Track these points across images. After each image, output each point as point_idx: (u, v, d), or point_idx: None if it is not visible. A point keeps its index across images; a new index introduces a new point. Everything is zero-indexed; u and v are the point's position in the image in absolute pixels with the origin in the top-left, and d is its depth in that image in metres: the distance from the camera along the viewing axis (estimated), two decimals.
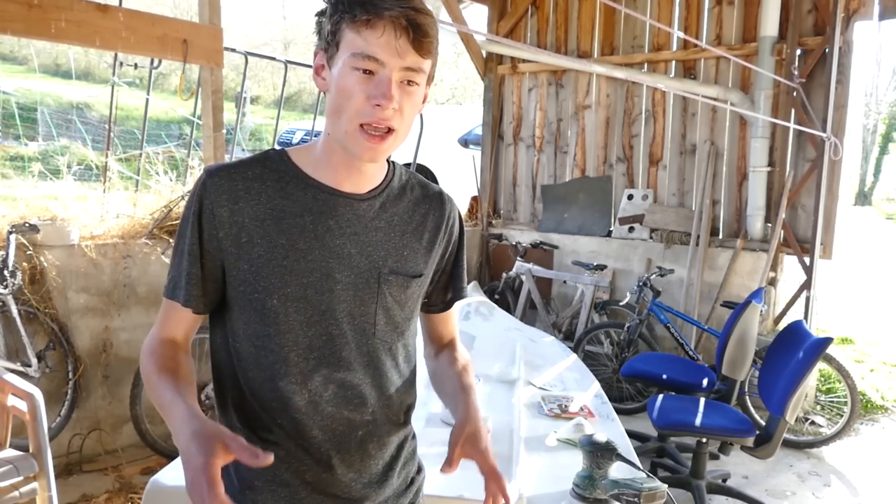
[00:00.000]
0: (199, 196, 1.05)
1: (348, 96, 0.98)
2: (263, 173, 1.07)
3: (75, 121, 10.81)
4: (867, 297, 8.93)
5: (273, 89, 17.95)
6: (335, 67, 0.99)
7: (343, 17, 0.96)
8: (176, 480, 1.84)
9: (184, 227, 1.07)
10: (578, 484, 1.78)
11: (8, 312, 3.19)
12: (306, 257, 1.05)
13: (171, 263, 1.10)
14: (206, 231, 1.05)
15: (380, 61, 0.95)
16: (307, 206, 1.06)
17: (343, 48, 0.97)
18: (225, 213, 1.04)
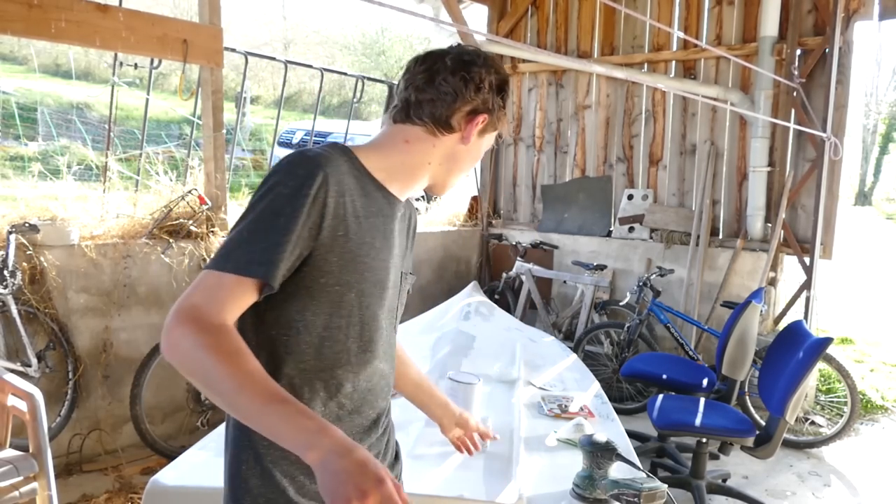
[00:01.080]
0: (318, 182, 1.03)
1: (473, 158, 1.26)
2: (350, 169, 1.11)
3: (75, 121, 10.81)
4: (867, 297, 8.93)
5: (273, 89, 17.95)
6: (482, 138, 1.23)
7: (503, 103, 1.22)
8: (176, 480, 1.84)
9: (283, 205, 1.01)
10: (578, 484, 1.78)
11: (8, 312, 3.19)
12: (379, 256, 1.13)
13: (243, 238, 1.01)
14: (313, 217, 1.03)
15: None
16: (380, 208, 1.15)
17: (490, 132, 1.24)
18: (332, 203, 1.05)
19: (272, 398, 0.90)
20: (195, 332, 0.93)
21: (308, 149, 1.09)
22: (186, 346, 0.93)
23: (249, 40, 17.82)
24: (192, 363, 0.93)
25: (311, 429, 0.88)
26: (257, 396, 0.90)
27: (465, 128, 1.18)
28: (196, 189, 3.98)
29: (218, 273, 0.98)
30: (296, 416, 0.89)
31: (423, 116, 1.16)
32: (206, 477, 1.89)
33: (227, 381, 0.90)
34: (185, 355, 0.93)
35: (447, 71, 1.15)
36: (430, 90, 1.16)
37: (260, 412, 0.89)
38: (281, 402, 0.90)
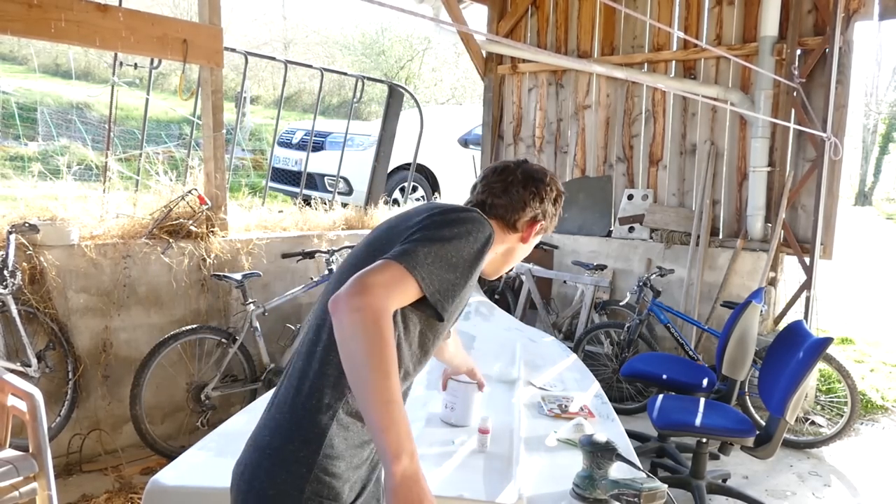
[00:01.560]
0: (490, 244, 1.29)
1: (522, 256, 1.56)
2: None
3: (75, 121, 10.80)
4: (867, 297, 8.93)
5: (273, 89, 17.94)
6: (535, 238, 1.52)
7: (555, 216, 1.54)
8: (176, 480, 1.84)
9: (476, 257, 1.25)
10: (578, 484, 1.78)
11: (8, 312, 3.19)
12: (465, 299, 1.34)
13: (441, 257, 1.19)
14: (480, 270, 1.32)
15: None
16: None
17: (542, 230, 1.51)
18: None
19: (399, 399, 1.07)
20: (375, 309, 1.07)
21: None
22: (364, 317, 1.07)
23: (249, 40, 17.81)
24: (361, 333, 1.07)
25: (408, 448, 1.05)
26: (394, 390, 1.06)
27: (525, 230, 1.48)
28: (196, 189, 3.98)
29: (407, 271, 1.14)
30: (405, 427, 1.06)
31: (496, 216, 1.45)
32: (206, 477, 1.89)
33: (382, 363, 1.06)
34: (358, 324, 1.07)
35: (519, 184, 1.45)
36: (505, 197, 1.45)
37: (387, 403, 1.05)
38: (402, 406, 1.08)
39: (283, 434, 1.22)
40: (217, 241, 3.98)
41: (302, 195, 5.56)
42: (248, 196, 4.97)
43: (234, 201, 4.82)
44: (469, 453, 2.08)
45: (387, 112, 5.89)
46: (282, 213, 4.87)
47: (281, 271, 4.36)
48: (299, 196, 5.54)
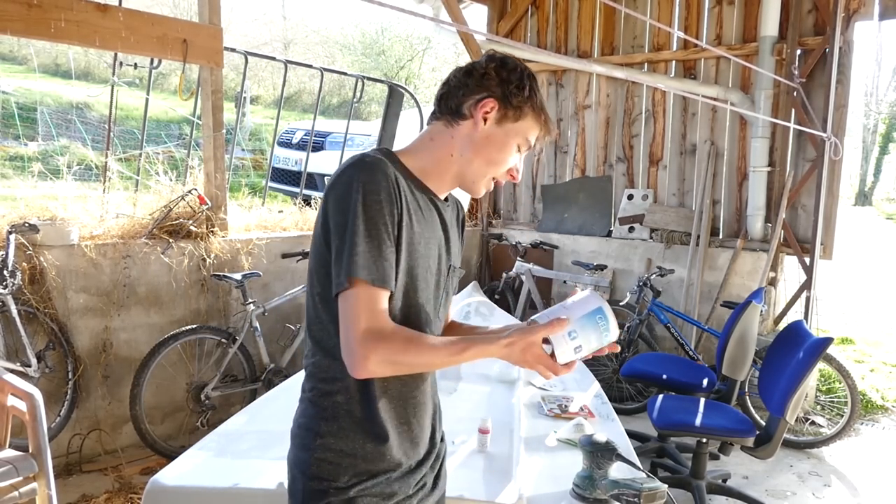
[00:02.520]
0: (383, 182, 1.16)
1: (500, 161, 1.28)
2: (397, 170, 1.23)
3: (75, 121, 10.80)
4: (867, 297, 8.93)
5: (273, 89, 17.94)
6: (503, 127, 1.26)
7: (535, 106, 1.27)
8: (176, 480, 1.84)
9: (376, 212, 1.15)
10: (578, 484, 1.78)
11: (8, 312, 3.19)
12: (428, 245, 1.27)
13: (357, 249, 1.14)
14: (396, 215, 1.18)
15: (531, 149, 1.31)
16: (426, 205, 1.28)
17: (519, 124, 1.27)
18: (397, 198, 1.19)
19: (461, 351, 1.16)
20: (385, 350, 1.13)
21: (365, 154, 1.21)
22: (387, 364, 1.15)
23: (249, 40, 17.81)
24: (398, 370, 1.20)
25: (494, 349, 1.17)
26: (454, 356, 1.17)
27: (474, 113, 1.26)
28: (196, 189, 3.98)
29: (367, 287, 1.14)
30: (482, 350, 1.16)
31: (440, 112, 1.30)
32: (206, 477, 1.89)
33: (430, 363, 1.20)
34: (391, 368, 1.17)
35: (460, 71, 1.31)
36: (444, 88, 1.31)
37: (461, 361, 1.19)
38: (465, 350, 1.16)
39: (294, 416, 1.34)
40: (217, 241, 3.98)
41: (302, 195, 5.56)
42: (248, 196, 4.97)
43: (234, 201, 4.82)
44: (469, 453, 2.08)
45: (387, 112, 5.89)
46: (282, 213, 4.87)
47: (281, 271, 4.36)
48: (299, 196, 5.54)
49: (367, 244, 1.13)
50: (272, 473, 1.85)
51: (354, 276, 1.13)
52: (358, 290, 1.13)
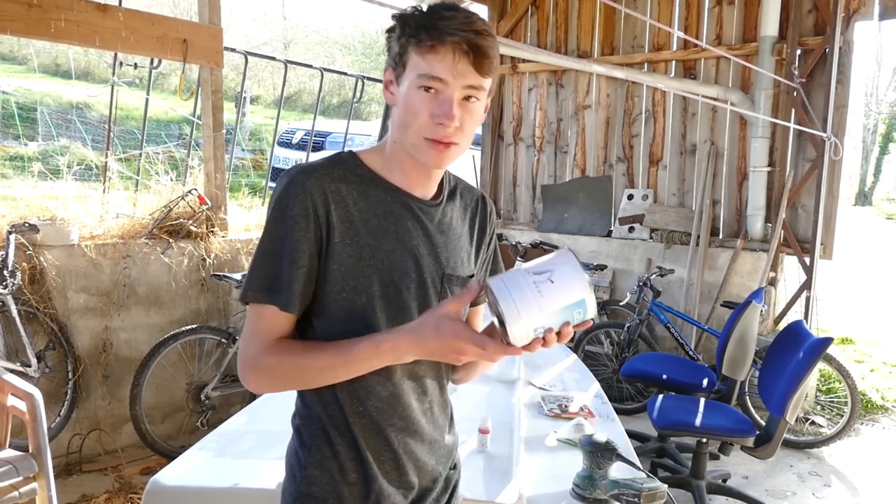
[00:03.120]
0: (299, 195, 1.06)
1: (414, 113, 1.06)
2: (346, 175, 1.11)
3: (75, 121, 10.80)
4: (867, 297, 8.93)
5: (273, 89, 17.95)
6: (402, 85, 1.08)
7: (410, 40, 1.05)
8: (176, 480, 1.84)
9: (279, 228, 1.06)
10: (578, 484, 1.78)
11: (8, 312, 3.19)
12: (389, 257, 1.11)
13: (256, 266, 1.08)
14: (310, 231, 1.06)
15: (443, 80, 1.03)
16: (389, 209, 1.13)
17: (409, 69, 1.06)
18: (322, 212, 1.07)
19: (345, 358, 1.04)
20: (259, 373, 1.07)
21: (297, 165, 1.12)
22: (265, 384, 1.08)
23: (249, 40, 17.81)
24: (277, 387, 1.10)
25: (401, 338, 1.02)
26: (339, 368, 1.05)
27: (387, 91, 1.13)
28: (196, 189, 3.98)
29: (255, 306, 1.08)
30: (373, 356, 1.04)
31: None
32: (206, 477, 1.89)
33: (311, 378, 1.08)
34: (270, 387, 1.09)
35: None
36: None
37: (349, 372, 1.06)
38: (353, 347, 1.04)
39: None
40: (217, 241, 3.98)
41: None
42: (248, 196, 4.97)
43: (234, 201, 4.82)
44: (469, 453, 2.08)
45: (387, 112, 5.89)
46: None
47: None
48: None
49: (268, 264, 1.07)
50: (272, 473, 1.85)
51: (248, 298, 1.08)
52: (249, 312, 1.08)
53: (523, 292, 0.92)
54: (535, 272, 0.93)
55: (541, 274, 0.93)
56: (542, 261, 0.97)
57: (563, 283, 0.92)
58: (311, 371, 1.06)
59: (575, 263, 0.94)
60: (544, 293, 0.92)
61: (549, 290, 0.92)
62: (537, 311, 0.91)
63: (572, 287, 0.92)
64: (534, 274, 0.93)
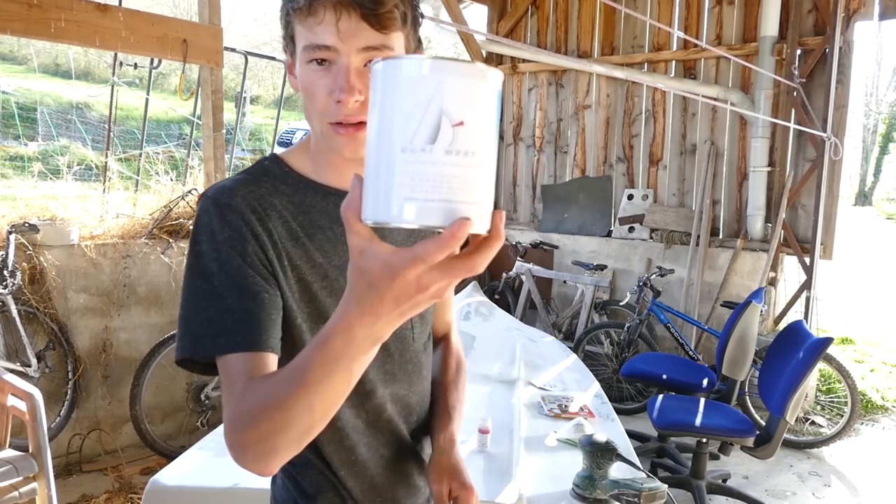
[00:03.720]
0: (227, 216, 0.86)
1: (311, 95, 0.87)
2: (276, 187, 0.92)
3: (75, 121, 10.81)
4: (867, 297, 8.93)
5: (273, 89, 17.95)
6: (297, 67, 0.89)
7: (288, 8, 0.87)
8: (176, 480, 1.84)
9: (210, 261, 0.85)
10: (578, 484, 1.78)
11: (7, 312, 3.19)
12: (344, 273, 0.90)
13: (193, 312, 0.84)
14: (250, 254, 0.86)
15: (331, 48, 0.82)
16: (332, 216, 0.94)
17: (298, 44, 0.87)
18: (260, 231, 0.88)
19: (299, 372, 0.69)
20: (233, 434, 0.76)
21: (215, 184, 0.92)
22: (254, 448, 0.75)
23: (249, 40, 17.81)
24: (268, 446, 0.74)
25: (342, 348, 0.65)
26: (296, 386, 0.69)
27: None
28: (196, 189, 3.98)
29: (220, 360, 0.83)
30: (333, 362, 0.66)
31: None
32: (206, 477, 1.89)
33: (295, 414, 0.71)
34: (260, 453, 0.75)
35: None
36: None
37: (310, 385, 0.69)
38: (304, 368, 0.69)
39: None
40: None
41: None
42: None
43: None
44: (469, 453, 2.08)
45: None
46: None
47: None
48: None
49: (209, 306, 0.83)
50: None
51: (187, 351, 0.84)
52: (219, 366, 0.83)
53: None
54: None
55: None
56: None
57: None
58: (275, 404, 0.71)
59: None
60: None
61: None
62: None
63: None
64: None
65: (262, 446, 0.74)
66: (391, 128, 0.53)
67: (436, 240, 0.54)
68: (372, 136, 0.55)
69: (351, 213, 0.57)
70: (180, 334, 0.85)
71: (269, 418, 0.72)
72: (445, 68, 0.52)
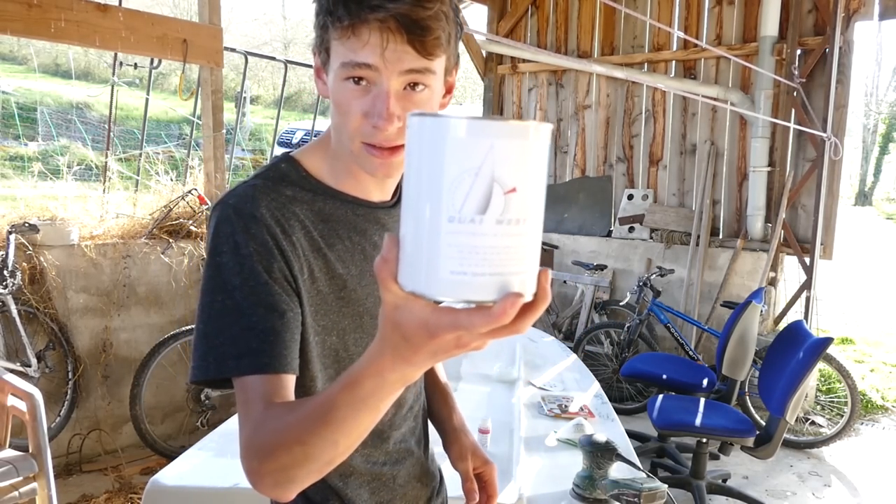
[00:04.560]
0: (252, 228, 0.82)
1: (345, 112, 0.84)
2: (295, 194, 0.89)
3: (75, 121, 10.82)
4: (867, 297, 8.93)
5: (273, 89, 17.96)
6: (329, 76, 0.86)
7: (327, 20, 0.81)
8: (176, 480, 1.84)
9: (233, 275, 0.81)
10: (578, 484, 1.78)
11: (8, 312, 3.19)
12: (360, 283, 0.93)
13: (216, 330, 0.81)
14: (275, 269, 0.82)
15: (372, 67, 0.79)
16: (351, 225, 0.93)
17: (333, 56, 0.83)
18: (286, 244, 0.84)
19: (323, 410, 0.69)
20: (258, 465, 0.76)
21: (231, 192, 0.87)
22: (272, 478, 0.75)
23: (249, 40, 17.82)
24: (291, 473, 0.74)
25: (372, 390, 0.64)
26: (319, 424, 0.69)
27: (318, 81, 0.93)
28: (196, 189, 3.98)
29: (237, 382, 0.83)
30: (360, 402, 0.66)
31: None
32: (206, 477, 1.89)
33: (318, 450, 0.71)
34: (284, 475, 0.74)
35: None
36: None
37: (333, 424, 0.69)
38: (328, 407, 0.68)
39: None
40: None
41: None
42: None
43: None
44: None
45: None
46: None
47: None
48: None
49: (233, 323, 0.80)
50: None
51: (209, 374, 0.84)
52: (237, 385, 0.83)
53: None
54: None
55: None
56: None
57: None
58: (294, 439, 0.72)
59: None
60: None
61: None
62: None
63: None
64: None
65: (280, 476, 0.73)
66: (436, 194, 0.49)
67: (483, 314, 0.51)
68: (411, 197, 0.51)
69: (387, 274, 0.54)
70: (201, 352, 0.83)
71: (290, 451, 0.72)
72: (497, 130, 0.48)
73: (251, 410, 0.80)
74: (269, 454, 0.73)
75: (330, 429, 0.68)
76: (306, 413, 0.70)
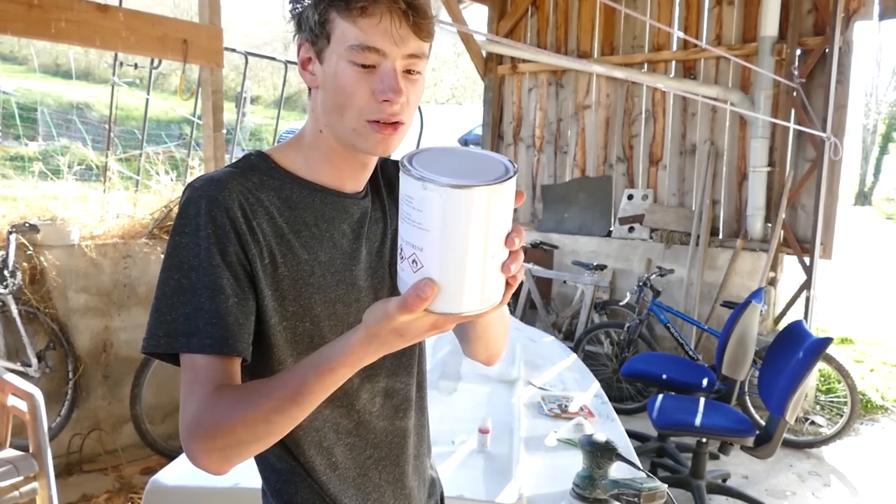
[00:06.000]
0: (213, 211, 0.86)
1: (350, 94, 0.87)
2: (262, 181, 0.92)
3: (75, 121, 10.81)
4: (867, 297, 8.93)
5: (273, 89, 17.96)
6: (328, 62, 0.88)
7: (332, 4, 0.85)
8: (176, 480, 1.84)
9: (191, 255, 0.85)
10: (578, 484, 1.78)
11: (8, 312, 3.19)
12: (330, 270, 0.95)
13: (168, 306, 0.86)
14: (231, 253, 0.86)
15: (381, 52, 0.85)
16: (319, 213, 0.95)
17: (336, 40, 0.86)
18: (245, 228, 0.87)
19: (294, 392, 0.76)
20: (204, 439, 0.79)
21: (202, 176, 0.91)
22: (217, 454, 0.80)
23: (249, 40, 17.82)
24: (231, 452, 0.80)
25: (338, 369, 0.74)
26: (289, 404, 0.77)
27: (303, 70, 0.94)
28: None
29: (185, 358, 0.85)
30: (322, 379, 0.75)
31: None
32: (205, 477, 1.89)
33: (282, 428, 0.79)
34: (222, 454, 0.80)
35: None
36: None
37: (304, 405, 0.77)
38: (301, 390, 0.76)
39: None
40: None
41: None
42: None
43: None
44: (469, 453, 2.08)
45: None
46: None
47: None
48: None
49: (186, 302, 0.85)
50: None
51: (160, 346, 0.86)
52: (184, 363, 0.85)
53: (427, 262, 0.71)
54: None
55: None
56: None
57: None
58: (261, 417, 0.77)
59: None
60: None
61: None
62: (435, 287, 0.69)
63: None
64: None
65: (230, 451, 0.79)
66: (482, 240, 0.66)
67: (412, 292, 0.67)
68: (458, 245, 0.66)
69: (422, 307, 0.66)
70: (153, 325, 0.88)
71: (251, 429, 0.78)
72: (512, 185, 0.68)
73: (197, 389, 0.82)
74: (225, 432, 0.78)
75: (301, 409, 0.77)
76: (275, 394, 0.77)
